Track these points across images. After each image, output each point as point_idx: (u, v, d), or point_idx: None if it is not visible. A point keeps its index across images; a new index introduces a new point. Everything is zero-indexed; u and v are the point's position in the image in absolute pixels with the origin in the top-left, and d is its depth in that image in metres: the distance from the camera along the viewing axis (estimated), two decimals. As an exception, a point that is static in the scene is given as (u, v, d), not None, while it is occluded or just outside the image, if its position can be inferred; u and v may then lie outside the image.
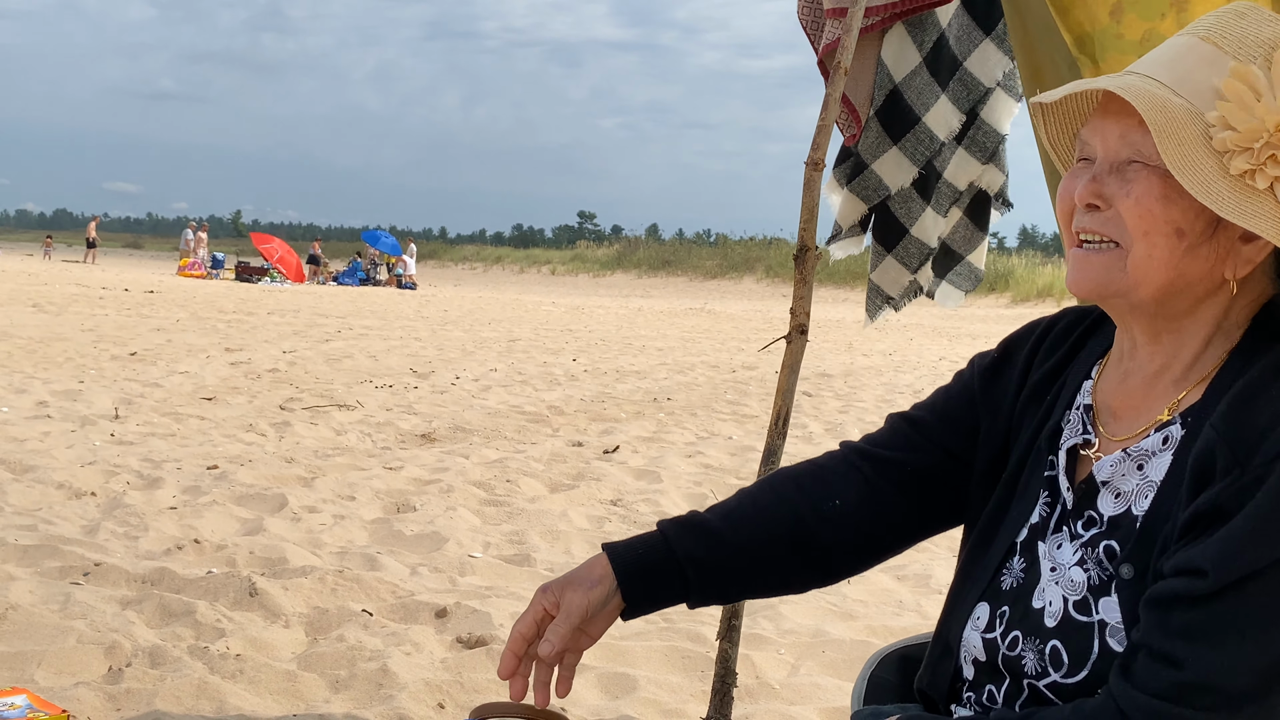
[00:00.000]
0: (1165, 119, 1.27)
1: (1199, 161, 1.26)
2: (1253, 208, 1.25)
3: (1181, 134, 1.26)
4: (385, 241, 42.91)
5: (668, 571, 1.55)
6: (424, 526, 5.28)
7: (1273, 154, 1.26)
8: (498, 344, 16.45)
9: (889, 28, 2.83)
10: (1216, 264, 1.31)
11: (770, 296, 44.18)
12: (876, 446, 1.62)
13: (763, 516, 1.59)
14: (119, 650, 3.49)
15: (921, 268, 3.06)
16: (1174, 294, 1.32)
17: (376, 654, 3.57)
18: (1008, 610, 1.42)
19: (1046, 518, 1.43)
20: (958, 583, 1.53)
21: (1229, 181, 1.26)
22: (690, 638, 3.91)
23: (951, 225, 3.09)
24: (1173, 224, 1.29)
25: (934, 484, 1.59)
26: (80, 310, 17.89)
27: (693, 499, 6.25)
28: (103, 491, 5.63)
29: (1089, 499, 1.39)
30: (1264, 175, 1.26)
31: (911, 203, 2.98)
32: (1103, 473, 1.38)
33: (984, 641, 1.43)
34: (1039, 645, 1.36)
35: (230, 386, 9.96)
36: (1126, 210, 1.30)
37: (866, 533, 1.60)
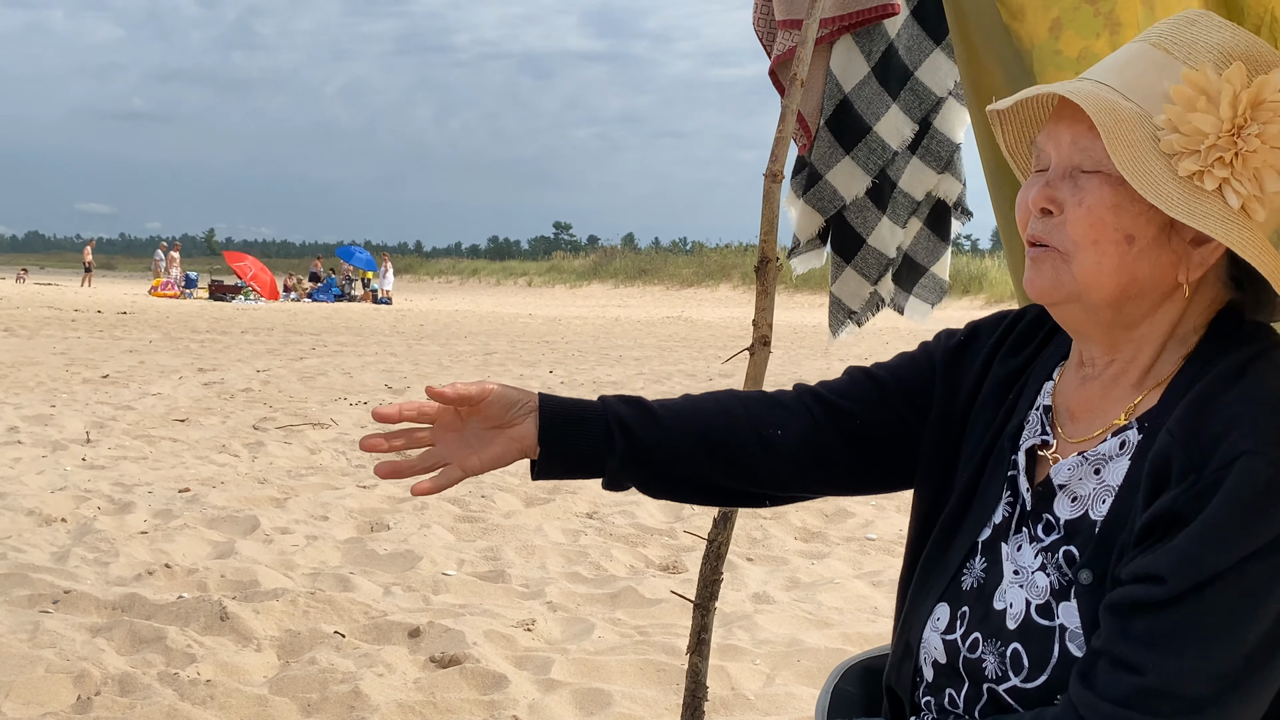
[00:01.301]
0: (1114, 122, 1.28)
1: (1148, 164, 1.27)
2: (1201, 209, 1.27)
3: (1131, 137, 1.28)
4: (360, 257, 42.79)
5: (593, 428, 1.52)
6: (398, 545, 5.26)
7: (1219, 156, 1.27)
8: (474, 357, 16.41)
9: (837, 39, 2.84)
10: (1168, 268, 1.32)
11: (747, 303, 44.21)
12: (832, 393, 1.61)
13: (700, 417, 1.57)
14: (88, 679, 3.46)
15: (881, 279, 3.07)
16: (1128, 298, 1.33)
17: (349, 676, 3.55)
18: (968, 611, 1.41)
19: (1008, 518, 1.43)
20: (918, 581, 1.51)
21: (1178, 183, 1.27)
22: (665, 650, 3.90)
23: (912, 236, 3.09)
24: (1123, 230, 1.30)
25: (879, 444, 1.59)
26: (52, 333, 17.77)
27: (669, 510, 6.24)
28: (73, 517, 5.58)
29: (1045, 501, 1.39)
30: (1211, 177, 1.28)
31: (867, 212, 2.99)
32: (1060, 476, 1.38)
33: (944, 643, 1.42)
34: (1000, 648, 1.35)
35: (203, 407, 9.90)
36: (1078, 218, 1.32)
37: (799, 470, 1.59)
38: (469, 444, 1.51)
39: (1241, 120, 1.27)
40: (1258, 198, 1.28)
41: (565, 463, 1.54)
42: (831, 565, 5.19)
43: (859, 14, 2.74)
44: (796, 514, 6.17)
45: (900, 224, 3.03)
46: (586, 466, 1.54)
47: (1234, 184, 1.28)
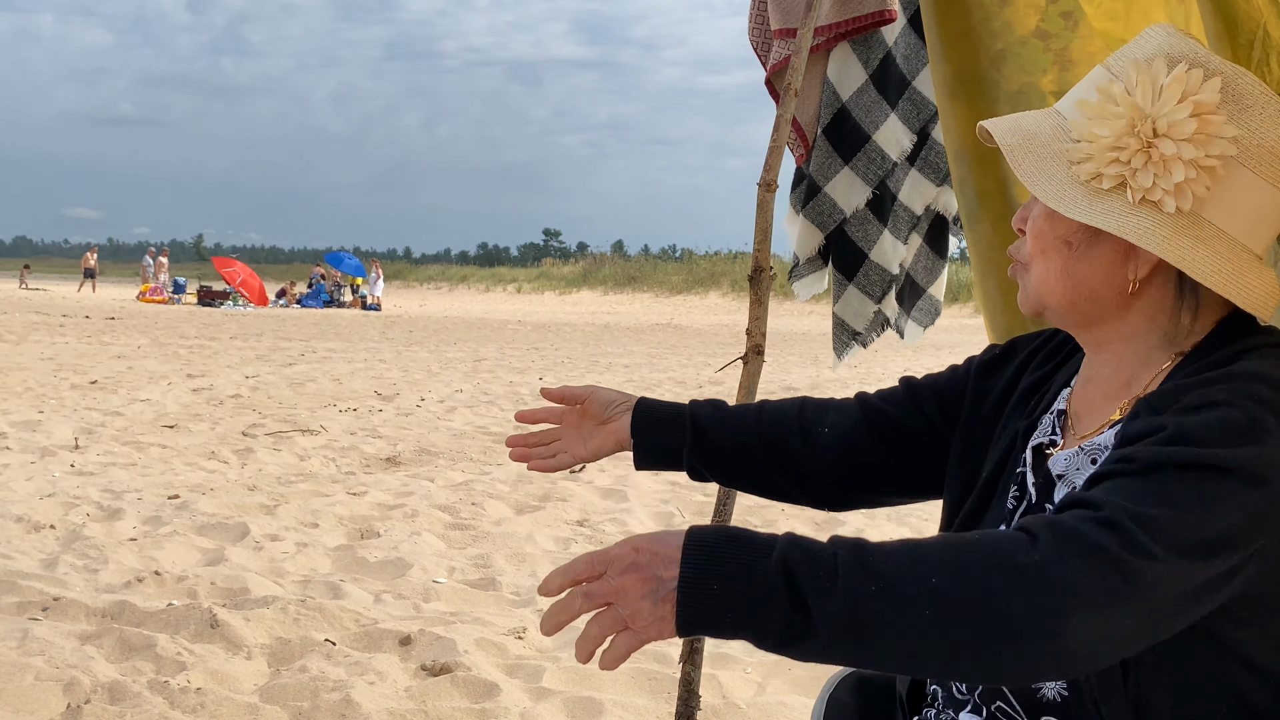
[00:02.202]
0: (1021, 139, 1.40)
1: (1054, 172, 1.37)
2: (1100, 206, 1.33)
3: (1041, 151, 1.38)
4: (349, 263, 42.72)
5: (672, 425, 1.78)
6: (388, 552, 5.25)
7: (1115, 157, 1.34)
8: (463, 364, 16.40)
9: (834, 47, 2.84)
10: (1114, 269, 1.38)
11: (737, 310, 44.27)
12: (876, 398, 1.76)
13: (763, 417, 1.78)
14: (78, 687, 3.44)
15: (885, 297, 3.05)
16: (1083, 300, 1.40)
17: (339, 684, 3.54)
18: None
19: (1013, 510, 1.49)
20: None
21: (1081, 187, 1.35)
22: (657, 659, 3.90)
23: (913, 253, 3.08)
24: (1060, 237, 1.39)
25: (912, 448, 1.71)
26: (40, 339, 17.71)
27: (660, 517, 6.24)
28: (62, 524, 5.56)
29: (1047, 492, 1.44)
30: (1107, 177, 1.35)
31: (868, 225, 2.98)
32: (1058, 466, 1.44)
33: None
34: None
35: (192, 414, 9.87)
36: (1030, 232, 1.44)
37: (839, 468, 1.75)
38: (581, 436, 1.84)
39: (1133, 117, 1.33)
40: (1166, 190, 1.32)
41: (652, 453, 1.80)
42: (822, 573, 5.19)
43: (856, 20, 2.74)
44: (788, 522, 6.17)
45: (902, 239, 3.02)
46: (668, 458, 1.80)
47: (1131, 181, 1.34)
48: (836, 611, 1.12)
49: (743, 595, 1.13)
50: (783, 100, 2.61)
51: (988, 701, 1.40)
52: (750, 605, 1.13)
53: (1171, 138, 1.31)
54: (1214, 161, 1.31)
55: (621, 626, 1.18)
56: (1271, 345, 1.33)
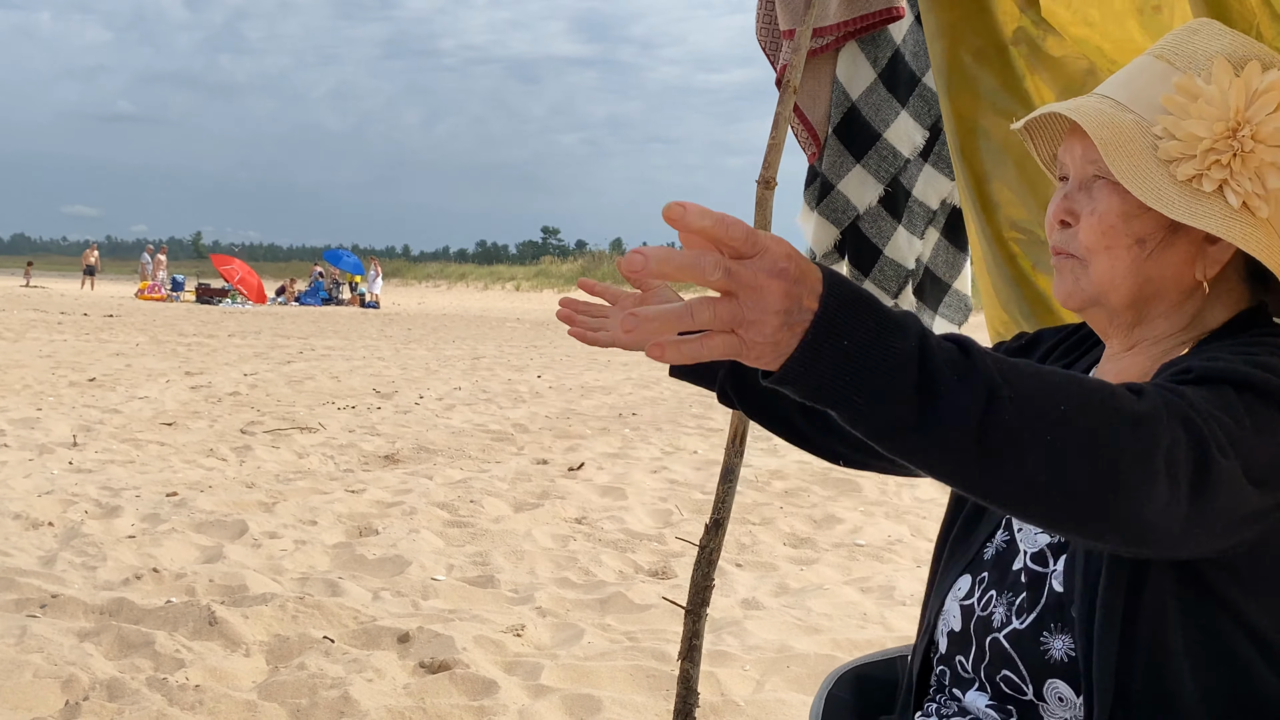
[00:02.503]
0: (1111, 134, 1.34)
1: (1147, 171, 1.33)
2: (1203, 209, 1.32)
3: (1130, 147, 1.34)
4: (347, 260, 42.68)
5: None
6: (386, 550, 5.25)
7: (1216, 159, 1.32)
8: (462, 361, 16.40)
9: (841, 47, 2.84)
10: (1184, 266, 1.37)
11: (734, 309, 44.26)
12: None
13: None
14: (76, 683, 3.44)
15: (902, 291, 3.06)
16: (1146, 298, 1.39)
17: (338, 681, 3.54)
18: (986, 576, 1.47)
19: None
20: (945, 561, 1.57)
21: (1178, 187, 1.33)
22: (654, 656, 3.90)
23: (931, 247, 3.08)
24: (1133, 235, 1.36)
25: None
26: (38, 336, 17.70)
27: (658, 515, 6.25)
28: (60, 521, 5.56)
29: None
30: (1209, 180, 1.32)
31: (881, 221, 2.98)
32: None
33: (962, 609, 1.48)
34: (1010, 598, 1.42)
35: (190, 411, 9.87)
36: (1091, 226, 1.38)
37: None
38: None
39: (1235, 122, 1.32)
40: (1260, 195, 1.32)
41: (690, 368, 1.75)
42: (821, 571, 5.20)
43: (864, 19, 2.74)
44: (785, 520, 6.18)
45: (917, 234, 3.02)
46: (705, 377, 1.75)
47: (1232, 184, 1.32)
48: (963, 406, 1.01)
49: (870, 361, 0.98)
50: (781, 99, 2.61)
51: (993, 675, 1.41)
52: (873, 375, 0.99)
53: (1267, 144, 1.32)
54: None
55: (730, 327, 0.96)
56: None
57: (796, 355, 0.98)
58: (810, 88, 2.88)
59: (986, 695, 1.43)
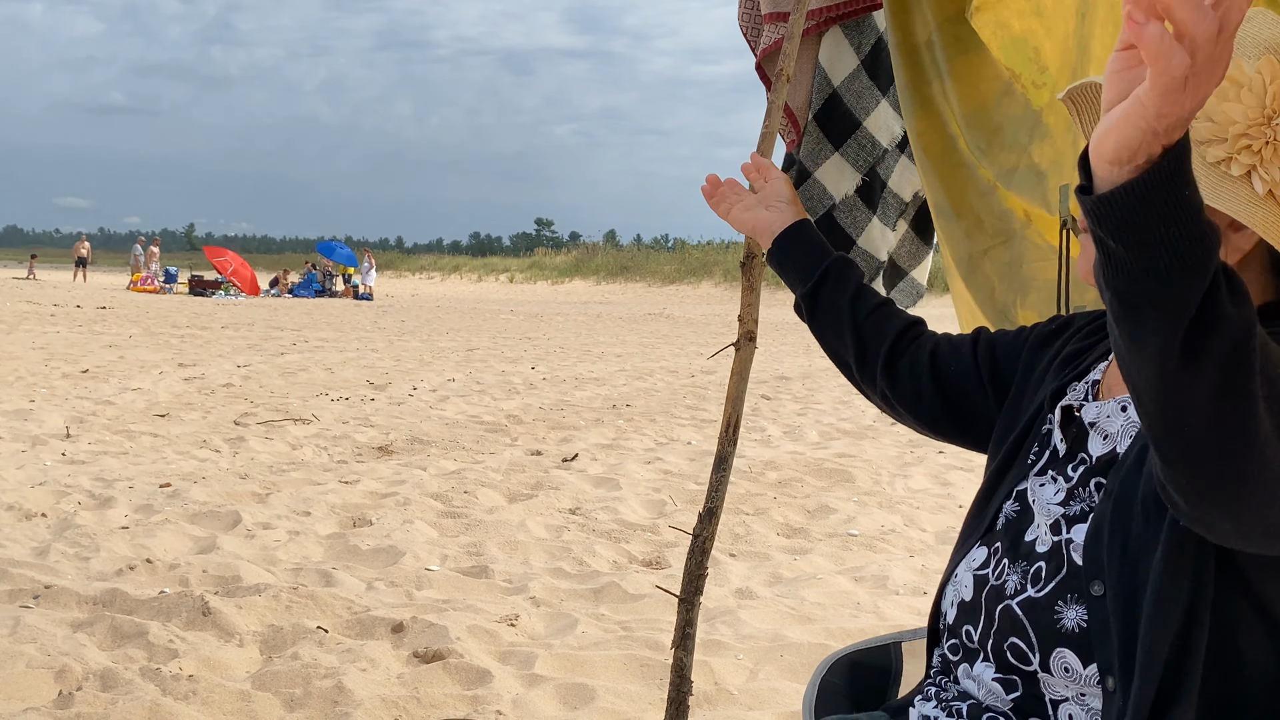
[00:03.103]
0: None
1: None
2: (1228, 192, 1.31)
3: None
4: (340, 253, 42.63)
5: (812, 260, 1.88)
6: (380, 540, 5.25)
7: (1247, 144, 1.31)
8: (456, 354, 16.38)
9: (825, 31, 2.84)
10: None
11: (729, 300, 44.27)
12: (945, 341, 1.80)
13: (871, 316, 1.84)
14: (69, 674, 3.44)
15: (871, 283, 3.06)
16: None
17: (332, 671, 3.54)
18: (1000, 545, 1.48)
19: (1034, 463, 1.52)
20: (961, 535, 1.60)
21: (1205, 168, 1.32)
22: (648, 646, 3.90)
23: (898, 239, 3.08)
24: None
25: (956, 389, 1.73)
26: (31, 328, 17.67)
27: (652, 506, 6.25)
28: (53, 512, 5.55)
29: (1080, 442, 1.46)
30: (1238, 164, 1.32)
31: (857, 212, 2.97)
32: (1089, 415, 1.46)
33: (975, 578, 1.49)
34: (1025, 567, 1.42)
35: (184, 402, 9.86)
36: None
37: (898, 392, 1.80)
38: (748, 204, 1.97)
39: (1271, 110, 1.31)
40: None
41: (780, 266, 1.91)
42: (814, 561, 5.21)
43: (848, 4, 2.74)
44: (779, 510, 6.18)
45: (890, 226, 3.02)
46: (791, 275, 1.90)
47: (1260, 171, 1.32)
48: (1246, 317, 1.05)
49: (1189, 235, 1.01)
50: (775, 86, 2.61)
51: (1000, 644, 1.41)
52: (1185, 250, 1.01)
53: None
54: None
55: (1181, 73, 0.96)
56: None
57: (1170, 156, 1.00)
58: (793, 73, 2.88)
59: (993, 668, 1.43)
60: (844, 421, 9.85)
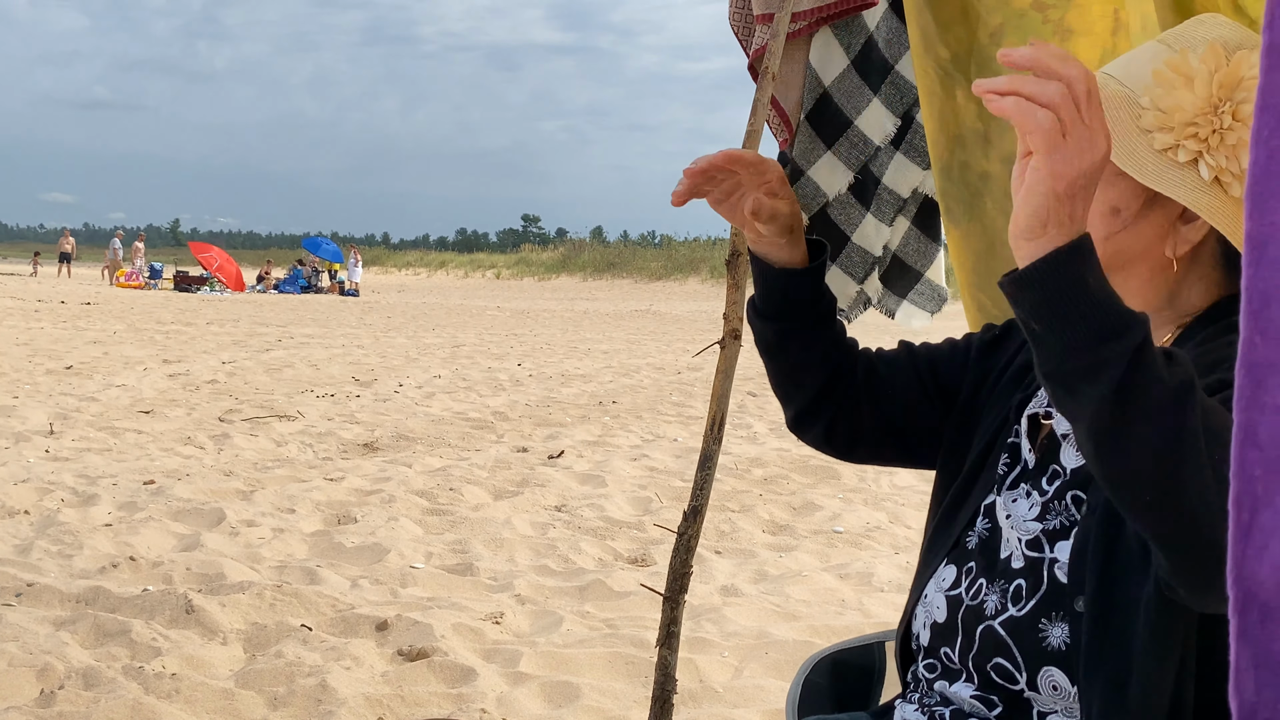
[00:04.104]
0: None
1: (1125, 135, 1.36)
2: (1174, 177, 1.34)
3: (1113, 113, 1.35)
4: (326, 248, 42.52)
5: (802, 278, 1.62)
6: (365, 538, 5.23)
7: (1194, 132, 1.34)
8: (442, 350, 16.36)
9: (815, 32, 2.84)
10: (1155, 242, 1.39)
11: (715, 297, 44.27)
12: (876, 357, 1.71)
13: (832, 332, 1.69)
14: (51, 672, 3.43)
15: (868, 278, 3.05)
16: (1116, 269, 1.38)
17: (316, 669, 3.53)
18: (974, 565, 1.47)
19: (1004, 477, 1.50)
20: (926, 550, 1.58)
21: (1154, 155, 1.35)
22: (633, 643, 3.90)
23: (900, 236, 3.08)
24: (1109, 203, 1.38)
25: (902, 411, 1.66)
26: (14, 323, 17.58)
27: (638, 503, 6.25)
28: (36, 509, 5.53)
29: (1053, 454, 1.45)
30: (1185, 150, 1.34)
31: (850, 209, 2.98)
32: (1061, 425, 1.44)
33: (947, 599, 1.47)
34: (1004, 586, 1.41)
35: (168, 399, 9.82)
36: None
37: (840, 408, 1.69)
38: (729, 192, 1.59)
39: (1218, 98, 1.34)
40: (1235, 174, 1.33)
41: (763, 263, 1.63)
42: (799, 558, 5.21)
43: (837, 5, 2.74)
44: (764, 507, 6.19)
45: (886, 222, 3.02)
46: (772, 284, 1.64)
47: (1206, 157, 1.34)
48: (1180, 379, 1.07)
49: (1102, 305, 1.09)
50: (760, 85, 2.61)
51: (983, 664, 1.40)
52: (1099, 319, 1.08)
53: (1246, 123, 1.32)
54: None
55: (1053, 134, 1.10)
56: None
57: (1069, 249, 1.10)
58: (784, 73, 2.88)
59: (973, 685, 1.43)
60: (830, 418, 9.85)
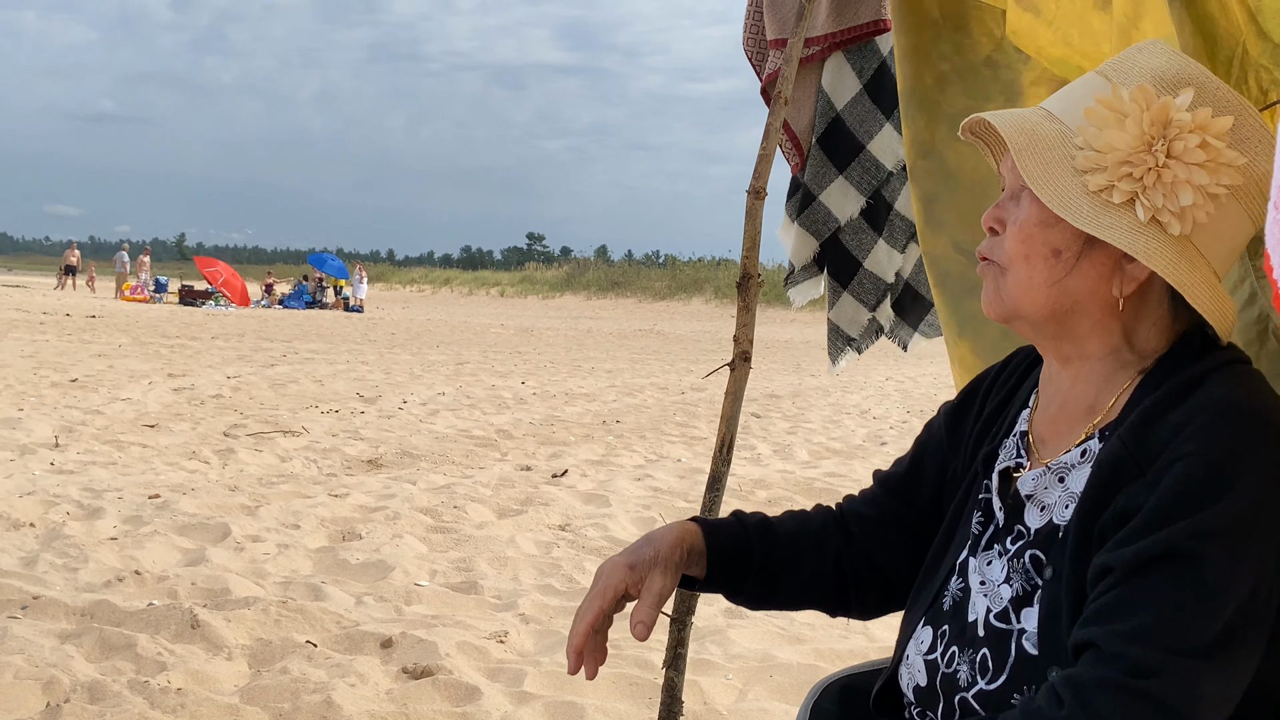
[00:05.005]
0: (1028, 140, 1.35)
1: (1060, 178, 1.33)
2: (1109, 220, 1.31)
3: (1047, 155, 1.34)
4: (332, 264, 42.59)
5: (743, 560, 1.63)
6: (369, 555, 5.24)
7: (1128, 172, 1.32)
8: (446, 367, 16.37)
9: (828, 57, 2.86)
10: (1100, 283, 1.36)
11: (719, 317, 44.31)
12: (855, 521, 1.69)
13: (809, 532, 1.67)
14: (57, 685, 3.43)
15: (880, 305, 3.06)
16: (1064, 312, 1.37)
17: (320, 686, 3.53)
18: (947, 629, 1.46)
19: (979, 536, 1.48)
20: (908, 610, 1.57)
21: (1089, 198, 1.32)
22: (638, 664, 3.90)
23: (912, 263, 3.09)
24: (1050, 245, 1.36)
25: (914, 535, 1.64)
26: (20, 336, 17.61)
27: (641, 523, 6.25)
28: (42, 522, 5.53)
29: (1017, 514, 1.44)
30: (1119, 191, 1.32)
31: (862, 234, 2.99)
32: (1026, 487, 1.43)
33: (925, 664, 1.46)
34: (971, 655, 1.40)
35: (173, 413, 9.84)
36: (1012, 234, 1.39)
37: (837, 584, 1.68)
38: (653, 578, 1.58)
39: (1150, 136, 1.31)
40: (1173, 212, 1.31)
41: (708, 589, 1.67)
42: (803, 581, 5.20)
43: (851, 30, 2.76)
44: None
45: (898, 248, 3.03)
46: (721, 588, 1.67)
47: (1142, 198, 1.31)
48: None
49: None
50: (773, 109, 2.63)
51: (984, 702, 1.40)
52: None
53: (1184, 161, 1.30)
54: (1221, 190, 1.31)
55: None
56: (1234, 362, 1.34)
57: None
58: (796, 97, 2.90)
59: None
60: (834, 441, 9.86)
